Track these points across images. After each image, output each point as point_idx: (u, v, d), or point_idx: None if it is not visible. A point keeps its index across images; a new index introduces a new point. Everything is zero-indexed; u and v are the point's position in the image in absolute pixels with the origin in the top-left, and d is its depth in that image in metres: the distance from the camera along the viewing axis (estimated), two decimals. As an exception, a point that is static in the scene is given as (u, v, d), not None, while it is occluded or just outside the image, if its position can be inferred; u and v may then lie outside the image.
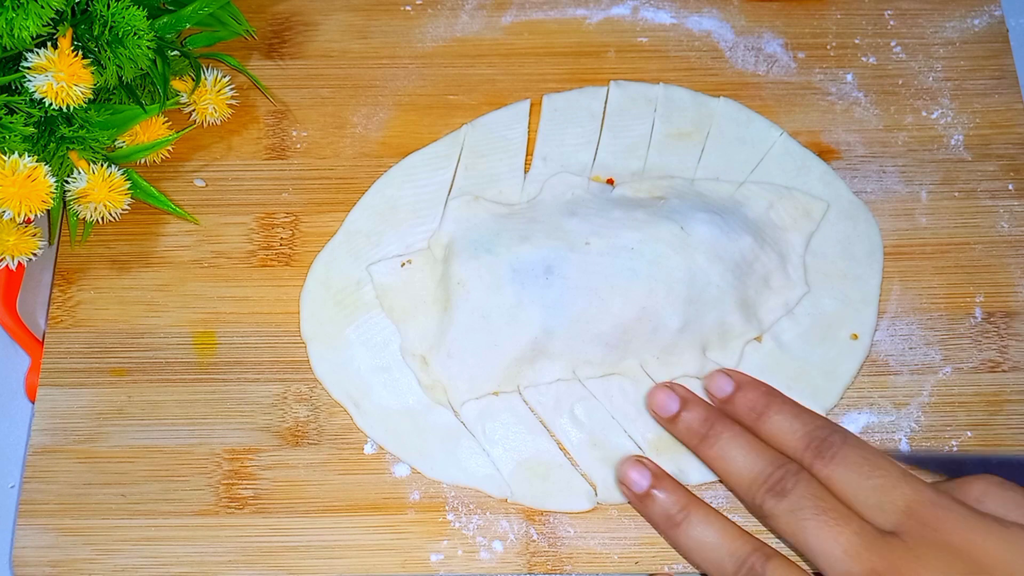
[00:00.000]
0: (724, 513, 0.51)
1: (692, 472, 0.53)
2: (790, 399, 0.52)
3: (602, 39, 0.63)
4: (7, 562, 0.52)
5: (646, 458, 0.52)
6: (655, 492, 0.51)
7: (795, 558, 0.50)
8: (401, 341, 0.56)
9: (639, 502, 0.51)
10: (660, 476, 0.51)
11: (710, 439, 0.51)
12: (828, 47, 0.63)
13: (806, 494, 0.47)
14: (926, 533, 0.46)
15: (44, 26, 0.50)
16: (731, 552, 0.48)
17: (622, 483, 0.52)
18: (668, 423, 0.52)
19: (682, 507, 0.50)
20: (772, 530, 0.49)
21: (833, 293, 0.57)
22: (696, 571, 0.51)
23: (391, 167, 0.60)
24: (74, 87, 0.51)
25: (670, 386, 0.53)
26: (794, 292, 0.56)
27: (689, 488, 0.53)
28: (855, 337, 0.56)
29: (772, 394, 0.52)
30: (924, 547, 0.45)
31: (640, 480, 0.51)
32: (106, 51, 0.53)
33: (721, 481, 0.52)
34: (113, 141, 0.56)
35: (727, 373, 0.53)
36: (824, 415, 0.54)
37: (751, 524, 0.51)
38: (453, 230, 0.57)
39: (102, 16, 0.52)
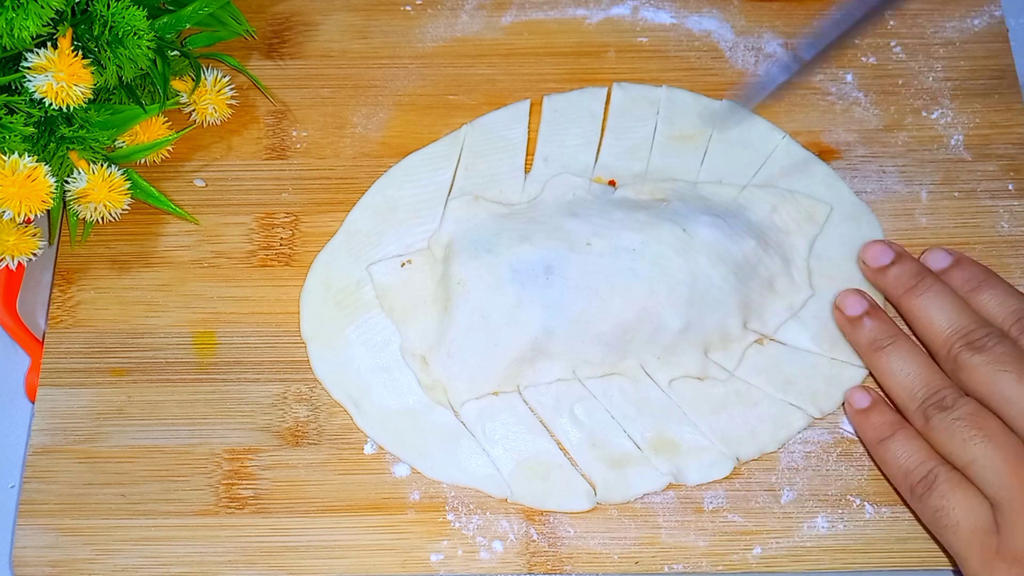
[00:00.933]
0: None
1: (691, 473, 0.53)
2: (1006, 281, 0.54)
3: (602, 39, 0.63)
4: (7, 562, 0.52)
5: (865, 292, 0.55)
6: (866, 319, 0.54)
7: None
8: (401, 341, 0.56)
9: (848, 324, 0.55)
10: (875, 307, 0.54)
11: (918, 289, 0.53)
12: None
13: (1007, 353, 0.50)
14: None
15: (44, 26, 0.50)
16: (926, 382, 0.51)
17: (837, 306, 0.55)
18: (876, 273, 0.56)
19: (890, 336, 0.53)
20: (963, 384, 0.51)
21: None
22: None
23: (391, 167, 0.60)
24: (74, 87, 0.51)
25: (885, 241, 0.56)
26: (799, 295, 0.56)
27: (688, 489, 0.53)
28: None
29: (990, 272, 0.54)
30: None
31: (855, 306, 0.54)
32: (106, 51, 0.53)
33: (916, 335, 0.54)
34: (113, 141, 0.56)
35: (945, 250, 0.55)
36: (821, 416, 0.54)
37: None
38: (453, 230, 0.57)
39: (102, 16, 0.52)
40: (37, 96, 0.51)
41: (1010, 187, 0.60)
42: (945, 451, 0.50)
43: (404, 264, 0.57)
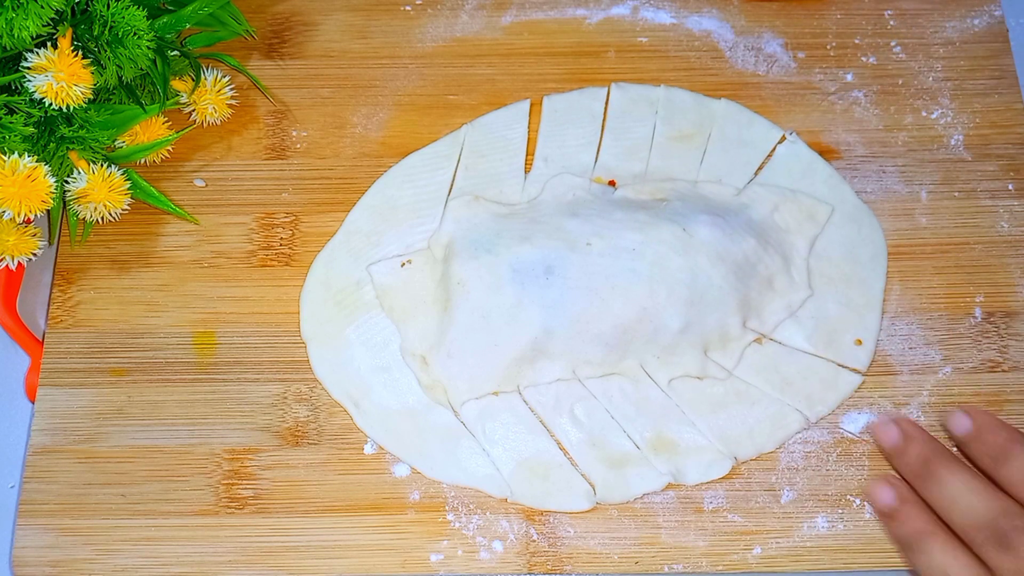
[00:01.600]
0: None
1: (690, 472, 0.53)
2: None
3: (602, 39, 0.63)
4: (7, 562, 0.52)
5: (897, 479, 0.51)
6: (899, 514, 0.49)
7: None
8: (401, 341, 0.56)
9: (883, 519, 0.51)
10: (907, 499, 0.50)
11: (929, 478, 0.49)
12: (828, 47, 0.63)
13: None
14: None
15: (44, 26, 0.50)
16: None
17: (869, 495, 0.51)
18: (889, 456, 0.52)
19: (921, 533, 0.48)
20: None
21: (837, 297, 0.57)
22: None
23: (391, 167, 0.60)
24: (74, 87, 0.51)
25: (896, 420, 0.52)
26: (797, 295, 0.56)
27: (688, 488, 0.53)
28: (859, 342, 0.56)
29: (1016, 439, 0.49)
30: None
31: (886, 499, 0.50)
32: (106, 51, 0.53)
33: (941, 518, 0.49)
34: (113, 141, 0.56)
35: (967, 412, 0.51)
36: (816, 420, 0.54)
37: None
38: (453, 230, 0.57)
39: (102, 16, 0.52)
40: (37, 96, 0.51)
41: (1010, 187, 0.60)
42: None
43: (404, 264, 0.57)
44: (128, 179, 0.55)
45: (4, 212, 0.51)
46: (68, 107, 0.51)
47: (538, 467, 0.53)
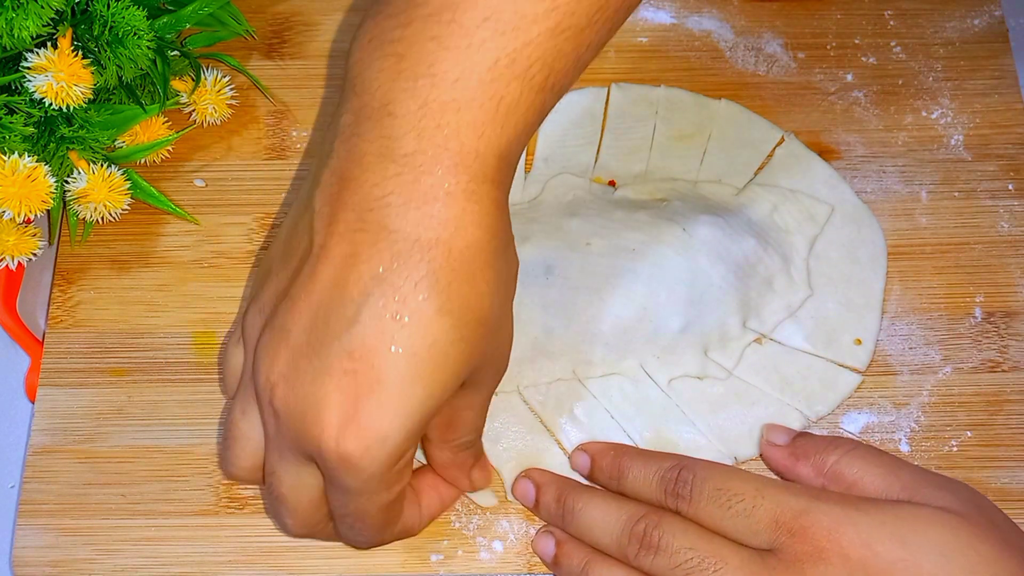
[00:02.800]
0: None
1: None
2: (639, 449, 0.52)
3: (602, 39, 0.63)
4: (7, 562, 0.52)
5: (553, 528, 0.51)
6: (559, 558, 0.50)
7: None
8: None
9: (553, 569, 0.51)
10: (563, 540, 0.50)
11: (568, 515, 0.50)
12: (828, 47, 0.63)
13: (678, 546, 0.46)
14: (799, 544, 0.45)
15: (44, 26, 0.50)
16: None
17: (536, 553, 0.51)
18: (534, 511, 0.52)
19: (581, 565, 0.49)
20: None
21: (836, 297, 0.57)
22: None
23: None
24: (74, 87, 0.51)
25: (526, 474, 0.52)
26: (797, 295, 0.56)
27: None
28: (858, 343, 0.56)
29: (622, 451, 0.51)
30: (804, 561, 0.44)
31: (547, 549, 0.50)
32: (106, 51, 0.53)
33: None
34: (113, 141, 0.56)
35: (583, 448, 0.52)
36: (816, 419, 0.54)
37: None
38: None
39: (102, 16, 0.52)
40: (37, 96, 0.51)
41: (1010, 187, 0.60)
42: None
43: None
44: (128, 179, 0.55)
45: (4, 212, 0.51)
46: (68, 107, 0.51)
47: (537, 467, 0.53)
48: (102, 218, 0.55)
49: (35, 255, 0.54)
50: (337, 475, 0.41)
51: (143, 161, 0.58)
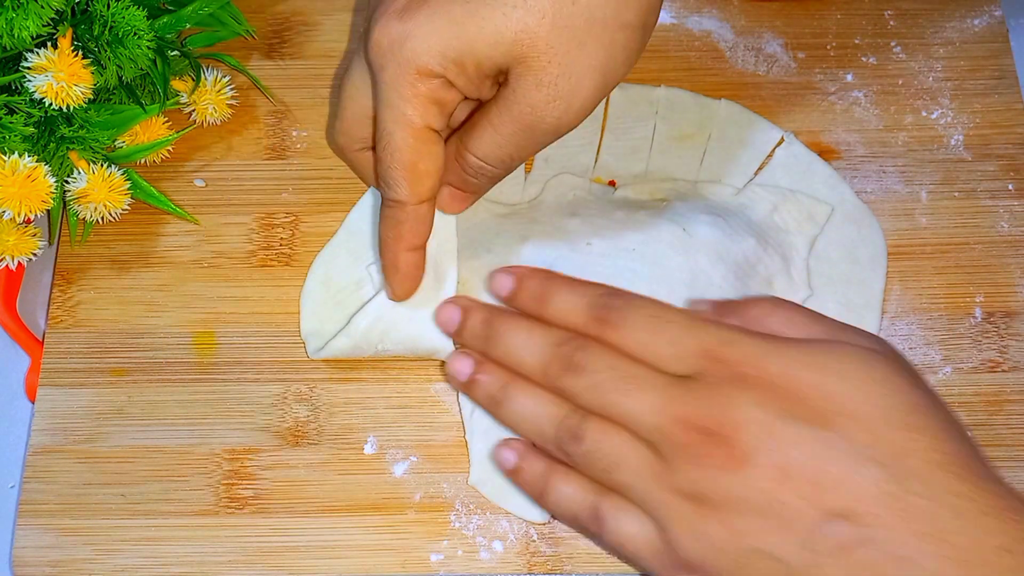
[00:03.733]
0: None
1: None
2: (569, 278, 0.50)
3: (602, 39, 0.63)
4: (7, 562, 0.52)
5: (470, 352, 0.51)
6: (477, 377, 0.50)
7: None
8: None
9: (467, 390, 0.51)
10: (481, 362, 0.50)
11: (493, 339, 0.49)
12: (828, 47, 0.63)
13: (600, 367, 0.46)
14: (722, 370, 0.45)
15: (44, 26, 0.50)
16: (549, 418, 0.47)
17: (448, 375, 0.51)
18: (457, 336, 0.52)
19: (500, 385, 0.49)
20: (580, 407, 0.47)
21: (836, 297, 0.57)
22: None
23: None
24: (74, 87, 0.51)
25: (452, 300, 0.52)
26: (797, 295, 0.56)
27: None
28: (857, 340, 0.56)
29: (550, 276, 0.50)
30: (725, 384, 0.45)
31: (463, 368, 0.50)
32: (106, 51, 0.53)
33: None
34: (113, 141, 0.56)
35: (506, 270, 0.52)
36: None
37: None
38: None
39: (102, 16, 0.52)
40: (37, 96, 0.51)
41: (1010, 187, 0.60)
42: (598, 482, 0.47)
43: (404, 264, 0.57)
44: (128, 179, 0.55)
45: (4, 212, 0.51)
46: (68, 107, 0.51)
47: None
48: (102, 218, 0.55)
49: (35, 255, 0.54)
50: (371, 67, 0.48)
51: (143, 161, 0.58)
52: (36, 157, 0.52)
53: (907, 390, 0.44)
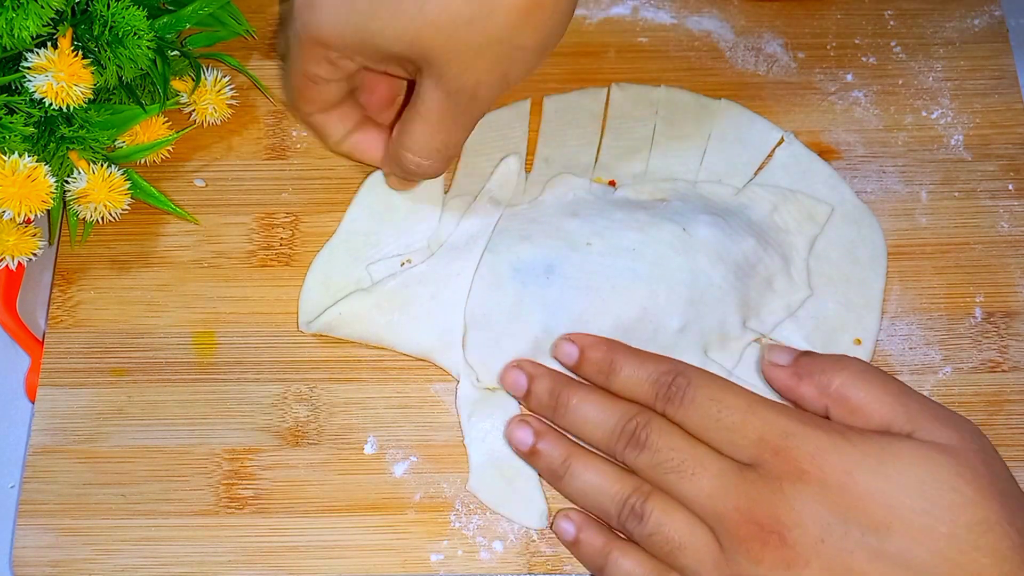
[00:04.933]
0: None
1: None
2: (635, 349, 0.51)
3: (602, 39, 0.63)
4: (7, 562, 0.52)
5: (530, 416, 0.52)
6: (539, 448, 0.51)
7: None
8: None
9: (528, 458, 0.52)
10: (542, 431, 0.51)
11: (560, 408, 0.51)
12: (828, 47, 0.63)
13: (662, 445, 0.47)
14: (781, 464, 0.45)
15: (44, 26, 0.50)
16: (612, 494, 0.48)
17: (510, 442, 0.52)
18: (525, 401, 0.53)
19: (564, 459, 0.50)
20: (643, 483, 0.48)
21: (836, 297, 0.57)
22: None
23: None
24: (74, 87, 0.51)
25: (517, 364, 0.53)
26: (797, 295, 0.56)
27: None
28: (858, 342, 0.56)
29: (616, 347, 0.51)
30: (783, 479, 0.45)
31: (525, 439, 0.51)
32: (106, 51, 0.53)
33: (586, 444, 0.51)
34: (113, 141, 0.56)
35: (570, 338, 0.52)
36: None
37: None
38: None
39: (102, 16, 0.52)
40: (37, 96, 0.51)
41: (1010, 187, 0.60)
42: (659, 559, 0.47)
43: (403, 264, 0.57)
44: (128, 179, 0.55)
45: (4, 212, 0.51)
46: (68, 107, 0.51)
47: (507, 470, 0.53)
48: (102, 218, 0.55)
49: (35, 255, 0.54)
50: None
51: (143, 161, 0.58)
52: (36, 157, 0.52)
53: (977, 502, 0.43)
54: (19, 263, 0.54)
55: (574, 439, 0.51)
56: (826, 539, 0.43)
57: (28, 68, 0.51)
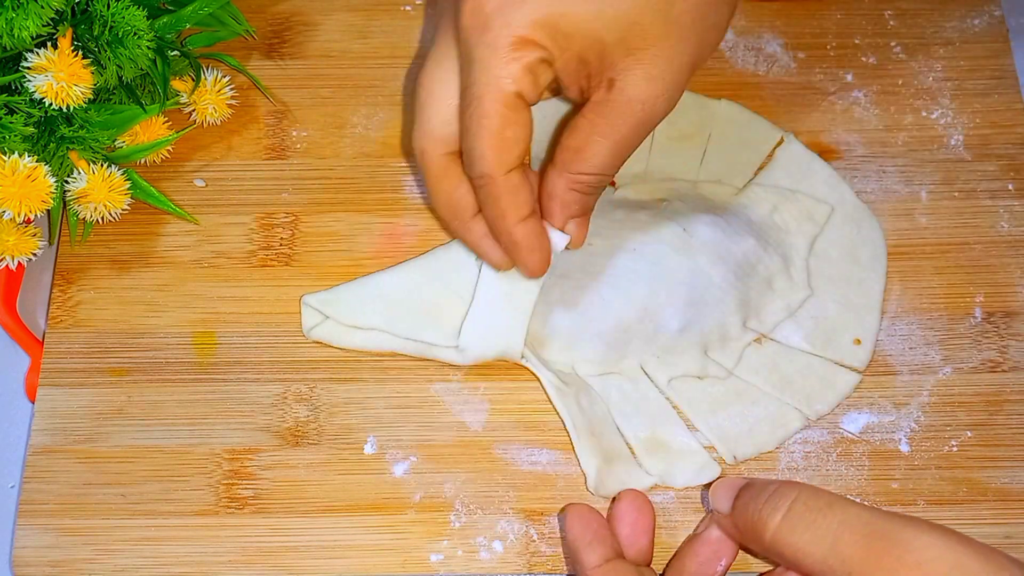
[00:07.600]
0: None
1: (678, 476, 0.53)
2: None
3: (602, 39, 0.63)
4: (7, 562, 0.52)
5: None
6: None
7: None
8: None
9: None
10: None
11: None
12: (828, 47, 0.63)
13: None
14: None
15: (44, 26, 0.50)
16: None
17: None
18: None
19: None
20: None
21: (836, 297, 0.57)
22: None
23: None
24: (74, 87, 0.51)
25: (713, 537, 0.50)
26: (796, 295, 0.56)
27: (689, 488, 0.53)
28: (858, 342, 0.56)
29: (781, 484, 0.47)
30: None
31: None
32: (106, 51, 0.53)
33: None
34: (113, 141, 0.56)
35: (730, 482, 0.49)
36: (816, 418, 0.54)
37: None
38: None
39: (102, 16, 0.52)
40: (37, 96, 0.51)
41: (1010, 187, 0.60)
42: None
43: (404, 264, 0.57)
44: (128, 179, 0.55)
45: (4, 212, 0.51)
46: (68, 107, 0.51)
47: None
48: (102, 218, 0.55)
49: (35, 255, 0.54)
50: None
51: (143, 161, 0.58)
52: (36, 157, 0.52)
53: None
54: (19, 263, 0.54)
55: None
56: None
57: (28, 68, 0.51)
